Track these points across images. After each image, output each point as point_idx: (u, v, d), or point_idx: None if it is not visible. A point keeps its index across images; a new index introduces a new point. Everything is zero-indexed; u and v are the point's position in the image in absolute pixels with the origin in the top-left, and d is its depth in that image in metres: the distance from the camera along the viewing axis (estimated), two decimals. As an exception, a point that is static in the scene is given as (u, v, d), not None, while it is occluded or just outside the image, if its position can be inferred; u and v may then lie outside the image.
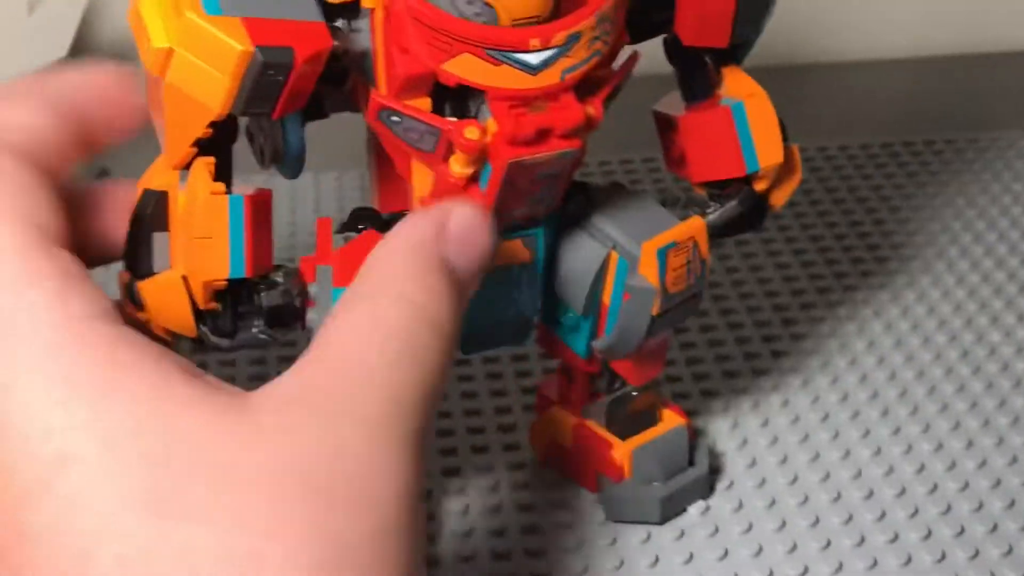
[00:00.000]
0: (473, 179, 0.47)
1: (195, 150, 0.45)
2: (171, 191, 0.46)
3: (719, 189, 0.55)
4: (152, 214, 0.46)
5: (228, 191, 0.46)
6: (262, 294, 0.47)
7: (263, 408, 0.38)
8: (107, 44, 0.92)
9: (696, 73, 0.54)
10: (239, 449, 0.37)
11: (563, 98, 0.45)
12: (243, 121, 0.47)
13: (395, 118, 0.46)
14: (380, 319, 0.40)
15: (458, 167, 0.46)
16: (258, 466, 0.37)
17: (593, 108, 0.46)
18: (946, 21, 1.07)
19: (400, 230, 0.44)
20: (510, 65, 0.44)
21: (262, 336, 0.48)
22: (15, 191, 0.41)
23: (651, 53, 0.52)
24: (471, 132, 0.45)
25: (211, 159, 0.46)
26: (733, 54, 0.53)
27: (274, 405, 0.38)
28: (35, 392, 0.37)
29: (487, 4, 0.44)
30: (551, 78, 0.45)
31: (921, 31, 1.07)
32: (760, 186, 0.55)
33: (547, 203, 0.49)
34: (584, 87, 0.47)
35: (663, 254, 0.51)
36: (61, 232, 0.41)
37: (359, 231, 0.49)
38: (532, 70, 0.45)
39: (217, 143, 0.46)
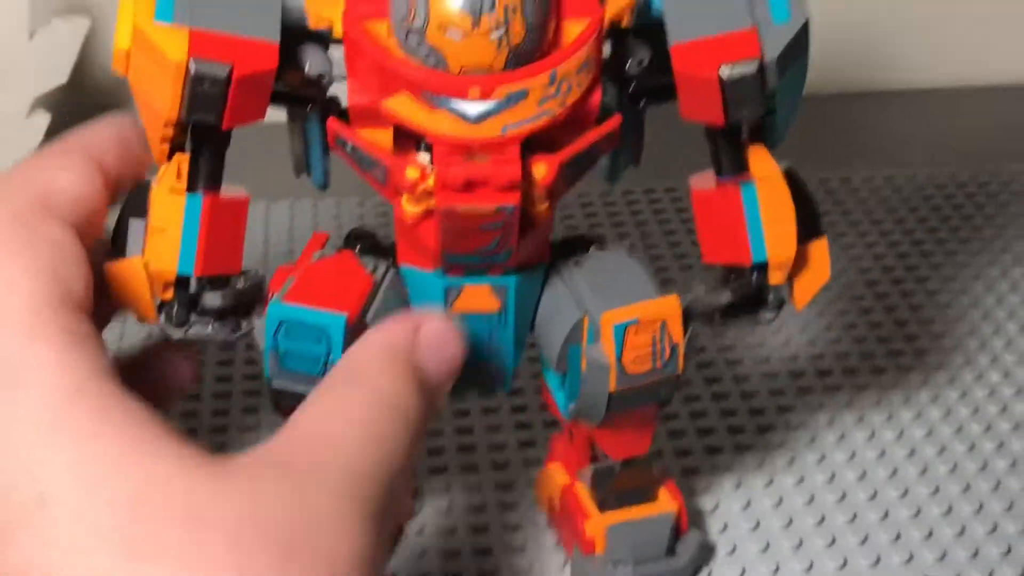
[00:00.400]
0: (427, 217, 0.46)
1: (167, 147, 0.47)
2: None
3: (731, 273, 0.51)
4: (134, 201, 0.48)
5: (200, 190, 0.47)
6: (205, 294, 0.48)
7: (236, 466, 0.40)
8: (107, 70, 0.92)
9: (716, 147, 0.50)
10: (211, 499, 0.39)
11: (507, 152, 0.44)
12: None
13: (349, 146, 0.46)
14: (353, 406, 0.43)
15: (408, 205, 0.46)
16: (228, 516, 0.39)
17: (545, 167, 0.45)
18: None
19: (376, 333, 0.46)
20: (447, 111, 0.44)
21: (215, 333, 0.49)
22: (55, 256, 0.44)
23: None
24: (411, 172, 0.45)
25: (185, 156, 0.47)
26: (759, 132, 0.50)
27: (246, 465, 0.40)
28: (26, 436, 0.40)
29: (434, 48, 0.44)
30: (491, 130, 0.44)
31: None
32: (774, 279, 0.50)
33: (504, 255, 0.48)
34: (545, 144, 0.46)
35: (621, 330, 0.48)
36: (84, 298, 0.44)
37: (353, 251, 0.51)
38: (470, 120, 0.44)
39: (202, 144, 0.47)
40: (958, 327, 0.73)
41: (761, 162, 0.49)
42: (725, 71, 0.46)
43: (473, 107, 0.44)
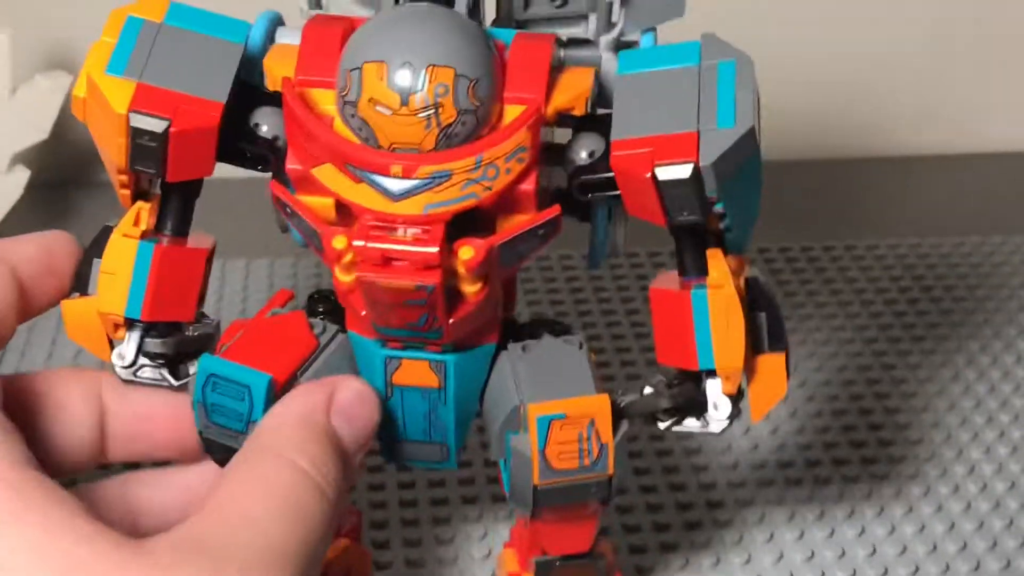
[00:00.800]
0: (358, 287, 0.46)
1: (127, 192, 0.49)
2: None
3: (683, 376, 0.50)
4: (98, 243, 0.49)
5: (165, 236, 0.49)
6: (146, 339, 0.49)
7: (155, 547, 0.40)
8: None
9: (679, 246, 0.49)
10: None
11: (430, 231, 0.44)
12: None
13: (288, 210, 0.47)
14: (267, 480, 0.44)
15: (340, 273, 0.46)
16: None
17: (472, 250, 0.44)
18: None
19: (291, 400, 0.47)
20: (369, 185, 0.45)
21: (163, 379, 0.50)
22: None
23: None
24: (337, 242, 0.44)
25: (147, 204, 0.49)
26: (721, 237, 0.48)
27: (166, 546, 0.41)
28: None
29: (365, 122, 0.44)
30: (412, 208, 0.45)
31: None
32: (725, 389, 0.49)
33: (435, 332, 0.47)
34: (484, 226, 0.46)
35: (546, 423, 0.47)
36: None
37: (316, 312, 0.51)
38: (392, 196, 0.45)
39: (170, 192, 0.49)
40: (923, 416, 0.71)
41: (716, 268, 0.48)
42: (658, 172, 0.45)
43: (395, 184, 0.44)
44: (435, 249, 0.44)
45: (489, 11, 0.49)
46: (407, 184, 0.44)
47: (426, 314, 0.46)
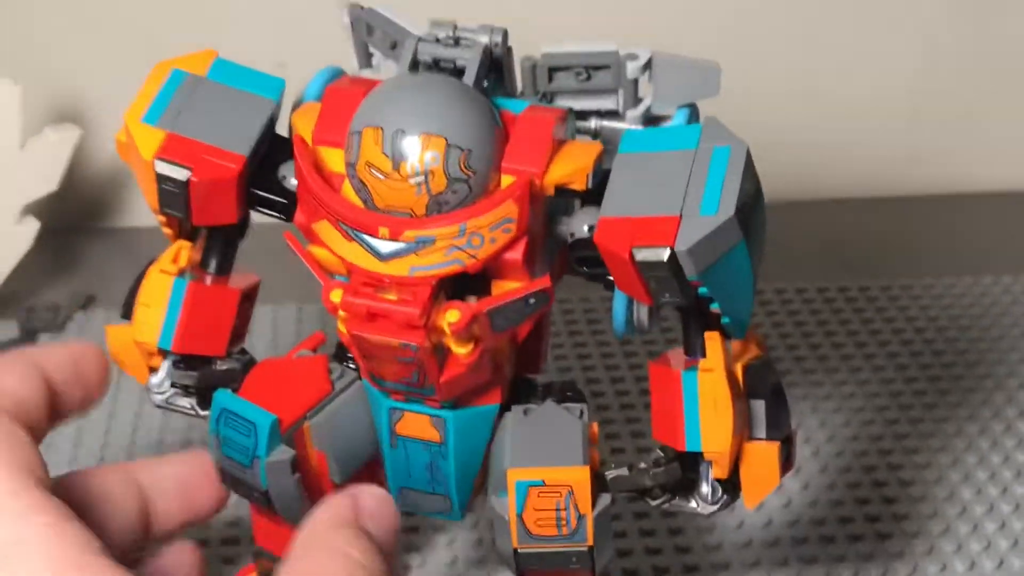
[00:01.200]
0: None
1: (168, 231, 0.52)
2: None
3: (673, 456, 0.49)
4: (143, 275, 0.52)
5: (209, 274, 0.52)
6: (174, 370, 0.52)
7: None
8: (97, 179, 0.96)
9: (684, 325, 0.50)
10: None
11: (416, 292, 0.45)
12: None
13: (300, 258, 0.48)
14: (326, 572, 0.45)
15: (340, 323, 0.47)
16: None
17: (458, 314, 0.45)
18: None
19: (323, 509, 0.48)
20: (360, 244, 0.46)
21: (190, 408, 0.53)
22: (12, 444, 0.46)
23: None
24: (335, 295, 0.46)
25: (187, 243, 0.52)
26: (717, 320, 0.48)
27: None
28: None
29: (363, 182, 0.46)
30: (398, 269, 0.46)
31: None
32: (715, 473, 0.49)
33: (429, 389, 0.48)
34: (483, 291, 0.47)
35: (523, 488, 0.48)
36: (47, 479, 0.46)
37: (344, 358, 0.52)
38: (381, 256, 0.46)
39: (214, 231, 0.52)
40: (936, 489, 0.69)
41: (712, 352, 0.48)
42: (636, 253, 0.45)
43: (383, 245, 0.46)
44: (416, 310, 0.45)
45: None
46: (394, 246, 0.45)
47: (416, 371, 0.47)
